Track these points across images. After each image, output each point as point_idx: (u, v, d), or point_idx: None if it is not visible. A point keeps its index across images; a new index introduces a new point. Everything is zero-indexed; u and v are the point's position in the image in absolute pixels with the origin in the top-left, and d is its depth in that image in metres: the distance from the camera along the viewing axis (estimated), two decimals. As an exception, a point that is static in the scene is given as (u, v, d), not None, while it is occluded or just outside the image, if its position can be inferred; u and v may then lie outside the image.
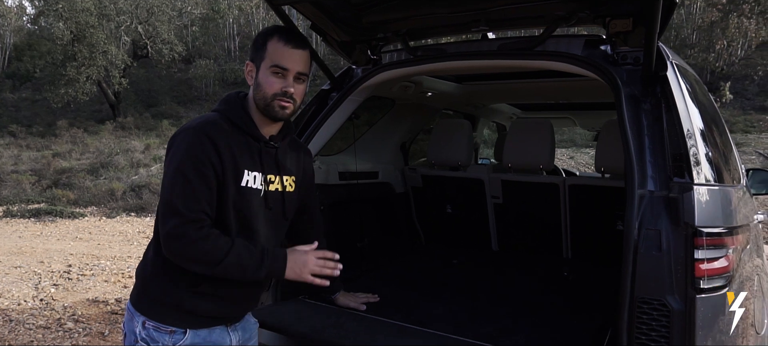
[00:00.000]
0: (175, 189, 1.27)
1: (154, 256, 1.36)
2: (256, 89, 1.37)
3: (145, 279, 1.38)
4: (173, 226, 1.25)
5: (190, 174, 1.27)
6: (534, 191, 2.59)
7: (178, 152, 1.29)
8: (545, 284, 2.38)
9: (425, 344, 1.64)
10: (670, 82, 1.50)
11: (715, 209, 1.36)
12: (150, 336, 1.32)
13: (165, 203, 1.29)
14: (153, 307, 1.34)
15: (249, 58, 1.41)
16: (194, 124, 1.34)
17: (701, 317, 1.28)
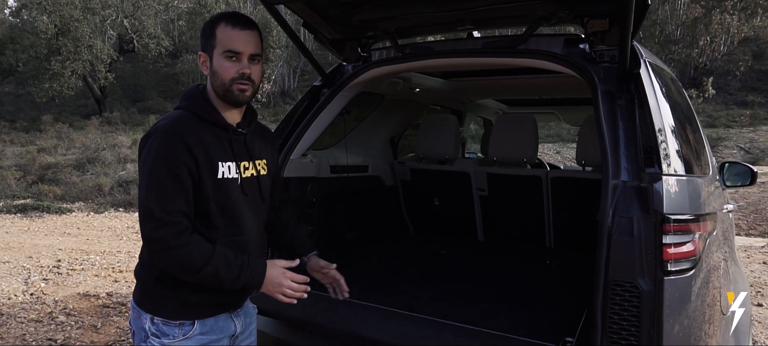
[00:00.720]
0: (149, 193, 1.28)
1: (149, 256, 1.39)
2: (213, 77, 1.39)
3: (145, 279, 1.41)
4: (150, 230, 1.28)
5: (163, 177, 1.28)
6: (518, 184, 2.69)
7: (150, 156, 1.30)
8: (528, 272, 2.48)
9: (412, 326, 1.73)
10: (643, 79, 1.59)
11: (683, 198, 1.45)
12: (160, 331, 1.37)
13: (141, 208, 1.30)
14: (158, 304, 1.38)
15: (200, 49, 1.42)
16: (162, 125, 1.35)
17: (669, 298, 1.38)
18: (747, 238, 8.47)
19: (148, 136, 1.35)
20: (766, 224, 8.95)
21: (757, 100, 20.67)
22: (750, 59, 22.68)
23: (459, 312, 1.86)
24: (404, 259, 2.70)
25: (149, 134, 1.35)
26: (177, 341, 1.37)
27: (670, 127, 1.59)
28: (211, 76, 1.40)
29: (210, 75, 1.41)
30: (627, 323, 1.41)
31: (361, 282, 2.25)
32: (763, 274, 5.99)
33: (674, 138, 1.58)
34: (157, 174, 1.29)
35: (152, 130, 1.35)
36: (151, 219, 1.28)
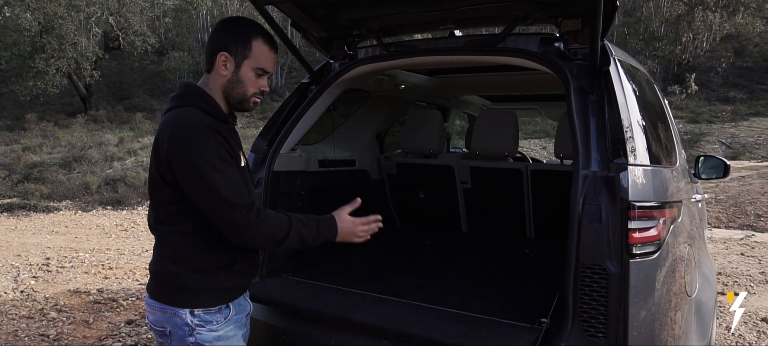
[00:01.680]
0: (220, 185, 1.34)
1: (185, 251, 1.44)
2: (235, 83, 1.46)
3: (178, 275, 1.44)
4: (236, 217, 1.35)
5: (224, 168, 1.36)
6: (500, 177, 2.80)
7: (202, 152, 1.34)
8: (509, 260, 2.59)
9: (397, 311, 1.83)
10: (612, 76, 1.69)
11: (648, 186, 1.56)
12: (204, 321, 1.44)
13: (216, 198, 1.34)
14: (198, 296, 1.44)
15: (224, 49, 1.45)
16: (195, 122, 1.38)
17: (634, 279, 1.49)
18: (727, 230, 8.70)
19: (182, 134, 1.36)
20: (745, 217, 9.18)
21: (738, 96, 21.07)
22: (732, 56, 23.11)
23: (442, 298, 1.96)
24: (390, 250, 2.80)
25: (184, 132, 1.37)
26: (220, 325, 1.47)
27: (638, 122, 1.70)
28: (230, 81, 1.47)
29: (230, 79, 1.47)
30: (596, 303, 1.52)
31: (349, 272, 2.35)
32: (740, 265, 6.19)
33: (641, 131, 1.69)
34: (217, 166, 1.35)
35: (185, 127, 1.37)
36: (233, 207, 1.35)
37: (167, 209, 1.45)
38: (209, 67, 1.50)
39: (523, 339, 1.55)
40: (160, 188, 1.43)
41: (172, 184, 1.39)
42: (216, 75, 1.48)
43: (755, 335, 3.98)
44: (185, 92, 1.48)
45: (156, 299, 1.48)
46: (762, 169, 12.30)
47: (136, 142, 14.83)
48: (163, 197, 1.44)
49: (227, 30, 1.48)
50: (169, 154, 1.37)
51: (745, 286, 5.28)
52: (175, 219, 1.44)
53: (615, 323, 1.50)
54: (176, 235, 1.45)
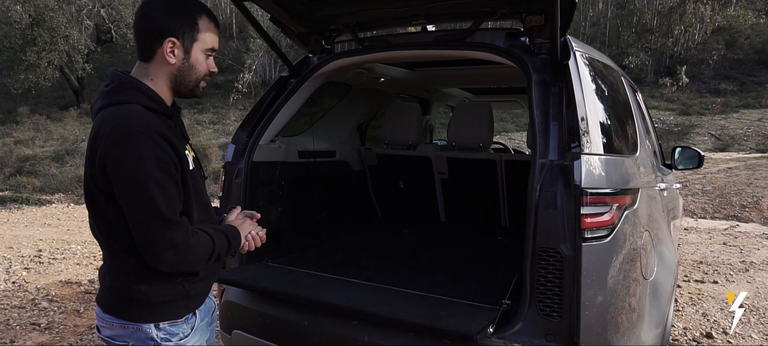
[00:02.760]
0: (157, 200, 1.20)
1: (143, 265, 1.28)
2: (187, 70, 1.33)
3: (138, 291, 1.32)
4: (172, 236, 1.22)
5: (166, 182, 1.22)
6: (475, 167, 2.89)
7: (142, 160, 1.19)
8: (482, 248, 2.69)
9: (367, 293, 1.92)
10: (571, 70, 1.77)
11: (600, 174, 1.65)
12: (169, 333, 1.35)
13: (152, 217, 1.20)
14: (160, 310, 1.34)
15: (170, 34, 1.29)
16: (137, 126, 1.22)
17: (586, 261, 1.58)
18: (712, 221, 8.86)
19: (123, 139, 1.21)
20: (730, 208, 9.34)
21: (729, 88, 21.20)
22: (723, 48, 23.22)
23: (412, 282, 2.05)
24: (369, 238, 2.89)
25: (124, 137, 1.21)
26: (188, 335, 1.38)
27: (595, 113, 1.79)
28: (180, 68, 1.32)
29: (179, 66, 1.32)
30: (551, 284, 1.61)
31: (327, 259, 2.44)
32: (722, 254, 6.33)
33: (598, 122, 1.78)
34: (156, 178, 1.20)
35: (126, 132, 1.21)
36: (170, 225, 1.22)
37: (111, 221, 1.29)
38: (148, 55, 1.32)
39: (483, 318, 1.64)
40: (97, 198, 1.28)
41: (108, 194, 1.25)
42: (160, 64, 1.31)
43: (729, 321, 4.10)
44: (121, 86, 1.30)
45: (114, 315, 1.34)
46: (749, 161, 12.47)
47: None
48: (102, 208, 1.29)
49: (168, 11, 1.30)
50: (105, 160, 1.21)
51: (725, 274, 5.42)
52: (123, 231, 1.27)
53: (569, 303, 1.59)
54: (129, 247, 1.28)
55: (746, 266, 5.73)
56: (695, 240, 7.11)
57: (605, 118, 1.89)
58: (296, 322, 1.88)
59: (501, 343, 1.62)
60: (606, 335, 1.64)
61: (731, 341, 3.76)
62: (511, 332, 1.64)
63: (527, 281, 1.63)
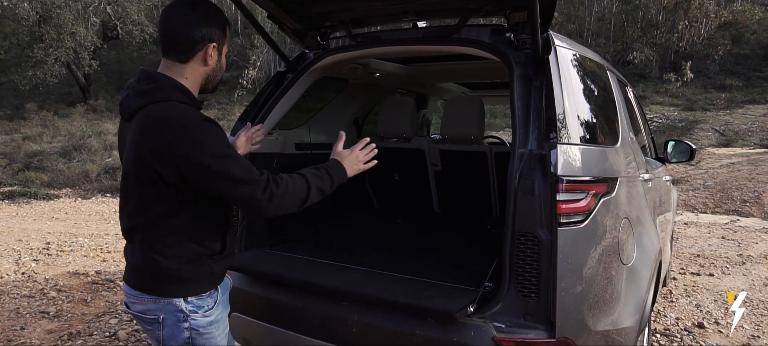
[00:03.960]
0: (236, 167, 1.38)
1: (178, 245, 1.46)
2: (218, 71, 1.53)
3: (171, 269, 1.46)
4: (259, 194, 1.41)
5: (231, 153, 1.41)
6: (467, 159, 2.98)
7: (209, 142, 1.36)
8: (472, 236, 2.78)
9: (357, 276, 2.03)
10: (551, 64, 1.86)
11: (577, 162, 1.73)
12: (196, 306, 1.51)
13: (234, 182, 1.38)
14: (190, 285, 1.50)
15: (210, 40, 1.46)
16: (192, 118, 1.39)
17: (562, 245, 1.66)
18: (713, 215, 8.89)
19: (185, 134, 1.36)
20: (731, 202, 9.36)
21: (734, 83, 21.12)
22: (729, 43, 23.13)
23: (402, 267, 2.15)
24: (363, 227, 2.99)
25: (186, 126, 1.36)
26: (210, 310, 1.54)
27: (574, 105, 1.87)
28: (214, 69, 1.52)
29: (213, 67, 1.51)
30: (529, 267, 1.70)
31: (321, 245, 2.54)
32: (720, 247, 6.38)
33: (576, 114, 1.86)
34: (227, 153, 1.39)
35: (182, 125, 1.36)
36: (253, 184, 1.41)
37: (158, 210, 1.44)
38: (186, 57, 1.46)
39: (464, 298, 1.74)
40: (157, 188, 1.40)
41: (174, 183, 1.39)
42: (197, 65, 1.47)
43: (723, 312, 4.17)
44: (161, 86, 1.44)
45: (146, 292, 1.50)
46: (752, 156, 12.47)
47: (134, 131, 14.98)
48: (155, 196, 1.42)
49: (207, 19, 1.46)
50: (176, 155, 1.35)
51: (721, 267, 5.48)
52: (166, 216, 1.44)
53: (546, 284, 1.68)
54: (168, 231, 1.45)
55: (743, 259, 5.78)
56: (694, 234, 7.17)
57: (585, 110, 1.98)
58: (290, 304, 1.98)
59: (481, 322, 1.71)
60: (582, 316, 1.73)
61: (722, 331, 3.83)
62: (491, 312, 1.73)
63: (507, 263, 1.72)
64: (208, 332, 1.55)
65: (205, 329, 1.54)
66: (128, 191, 1.49)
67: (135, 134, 1.42)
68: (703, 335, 3.70)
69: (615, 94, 2.45)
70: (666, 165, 3.93)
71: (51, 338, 3.49)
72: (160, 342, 1.53)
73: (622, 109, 2.49)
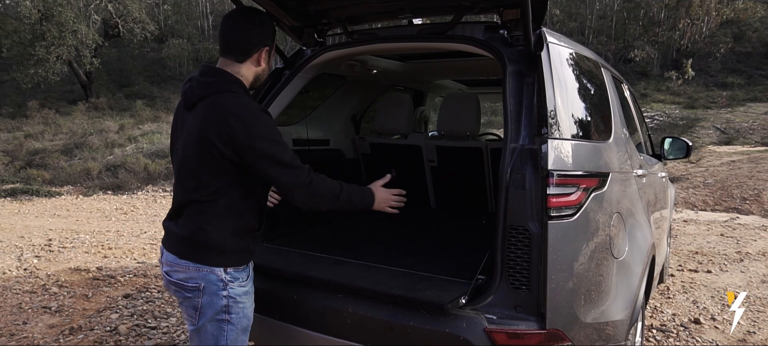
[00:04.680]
0: (285, 153, 1.63)
1: (225, 219, 1.67)
2: (266, 71, 1.78)
3: (219, 239, 1.67)
4: (303, 177, 1.64)
5: (283, 140, 1.65)
6: (462, 155, 3.01)
7: (265, 128, 1.60)
8: (467, 231, 2.81)
9: (352, 269, 2.06)
10: (542, 61, 1.88)
11: (567, 157, 1.76)
12: (234, 277, 1.71)
13: (285, 167, 1.62)
14: (230, 256, 1.70)
15: (265, 44, 1.73)
16: (254, 107, 1.64)
17: (552, 238, 1.69)
18: (712, 213, 8.90)
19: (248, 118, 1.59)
20: (731, 200, 9.36)
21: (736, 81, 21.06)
22: (731, 41, 23.05)
23: (397, 261, 2.18)
24: (360, 222, 3.03)
25: (249, 112, 1.60)
26: (244, 282, 1.75)
27: (566, 101, 1.90)
28: (264, 70, 1.77)
29: (264, 69, 1.76)
30: (520, 259, 1.73)
31: (318, 240, 2.57)
32: (718, 245, 6.40)
33: (568, 110, 1.89)
34: (279, 139, 1.63)
35: (247, 111, 1.60)
36: (297, 169, 1.64)
37: (218, 184, 1.64)
38: (243, 57, 1.70)
39: (457, 291, 1.77)
40: (217, 163, 1.61)
41: (233, 160, 1.60)
42: (252, 66, 1.72)
43: (719, 308, 4.20)
44: (226, 79, 1.68)
45: (191, 260, 1.68)
46: (753, 154, 12.45)
47: (136, 129, 15.06)
48: (216, 172, 1.63)
49: (263, 27, 1.73)
50: (236, 138, 1.57)
51: (719, 264, 5.50)
52: (221, 192, 1.65)
53: (536, 277, 1.70)
54: (221, 206, 1.65)
55: (741, 256, 5.80)
56: (693, 231, 7.18)
57: (577, 106, 2.00)
58: (287, 296, 2.02)
59: (473, 313, 1.74)
60: (572, 308, 1.76)
61: (718, 327, 3.86)
62: (483, 303, 1.76)
63: (498, 256, 1.75)
64: (243, 302, 1.73)
65: (241, 298, 1.72)
66: (187, 172, 1.70)
67: (199, 120, 1.63)
68: (699, 331, 3.73)
69: (609, 90, 2.48)
70: (663, 162, 3.95)
71: (52, 332, 3.53)
72: (197, 309, 1.70)
73: (616, 106, 2.51)
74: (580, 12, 26.73)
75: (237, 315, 1.72)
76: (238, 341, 1.75)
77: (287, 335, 2.04)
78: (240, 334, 1.75)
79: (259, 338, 2.26)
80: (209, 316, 1.69)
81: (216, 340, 1.71)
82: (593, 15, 26.28)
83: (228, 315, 1.70)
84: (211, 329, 1.70)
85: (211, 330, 1.70)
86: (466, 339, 1.71)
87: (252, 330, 2.16)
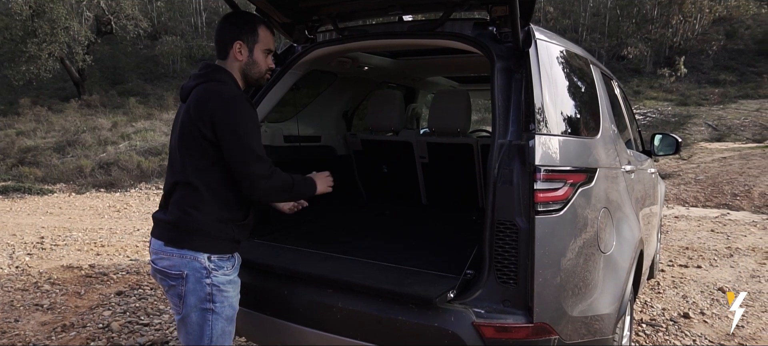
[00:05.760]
0: (255, 144, 1.67)
1: (209, 203, 1.71)
2: (251, 66, 1.82)
3: (201, 224, 1.71)
4: (264, 169, 1.68)
5: (257, 130, 1.71)
6: (453, 151, 3.02)
7: (244, 115, 1.67)
8: (457, 226, 2.83)
9: (342, 264, 2.07)
10: (531, 57, 1.89)
11: (555, 153, 1.78)
12: (217, 265, 1.74)
13: (251, 154, 1.66)
14: (215, 243, 1.73)
15: (237, 39, 1.79)
16: (236, 93, 1.71)
17: (540, 232, 1.71)
18: (703, 209, 8.97)
19: (228, 102, 1.66)
20: (722, 196, 9.44)
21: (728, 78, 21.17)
22: (723, 38, 23.17)
23: (387, 256, 2.19)
24: (351, 218, 3.04)
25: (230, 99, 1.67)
26: (228, 271, 1.78)
27: (553, 97, 1.91)
28: (247, 63, 1.82)
29: (246, 62, 1.81)
30: (508, 254, 1.75)
31: (309, 236, 2.59)
32: (709, 240, 6.46)
33: (555, 106, 1.90)
34: (252, 128, 1.69)
35: (229, 96, 1.68)
36: (262, 160, 1.68)
37: (197, 164, 1.70)
38: (224, 54, 1.80)
39: (445, 285, 1.79)
40: (198, 143, 1.68)
41: (211, 140, 1.66)
42: (232, 60, 1.80)
43: (709, 303, 4.24)
44: (215, 70, 1.79)
45: (174, 246, 1.71)
46: (744, 151, 12.56)
47: (129, 127, 14.99)
48: (197, 152, 1.69)
49: (236, 22, 1.81)
50: (214, 116, 1.65)
51: (709, 259, 5.55)
52: (203, 173, 1.70)
53: (524, 271, 1.72)
54: (203, 187, 1.70)
55: (731, 251, 5.86)
56: (684, 227, 7.25)
57: (565, 102, 2.02)
58: (277, 291, 2.03)
59: (461, 308, 1.76)
60: (559, 302, 1.78)
61: (707, 321, 3.90)
62: (471, 298, 1.77)
63: (487, 251, 1.76)
64: (227, 290, 1.75)
65: (224, 286, 1.75)
66: (174, 159, 1.77)
67: (188, 105, 1.72)
68: (688, 325, 3.77)
69: (598, 87, 2.49)
70: (653, 158, 3.98)
71: (45, 329, 3.52)
72: (180, 298, 1.72)
73: (605, 102, 2.53)
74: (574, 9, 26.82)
75: (221, 304, 1.74)
76: (225, 330, 1.76)
77: (277, 330, 2.06)
78: (225, 324, 1.77)
79: (249, 333, 2.28)
80: (193, 304, 1.71)
81: (201, 330, 1.73)
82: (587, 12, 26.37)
83: (212, 304, 1.72)
84: (195, 318, 1.73)
85: (196, 319, 1.73)
86: (454, 333, 1.73)
87: (243, 326, 2.18)
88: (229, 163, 1.69)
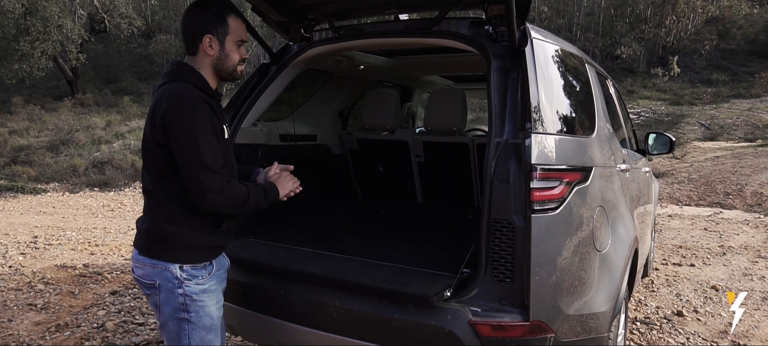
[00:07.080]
0: (204, 152, 1.52)
1: (178, 212, 1.62)
2: (223, 59, 1.68)
3: (171, 234, 1.63)
4: (214, 182, 1.54)
5: (211, 138, 1.56)
6: (449, 150, 3.03)
7: (195, 120, 1.53)
8: (453, 225, 2.84)
9: (337, 263, 2.08)
10: (526, 56, 1.90)
11: (551, 151, 1.79)
12: (190, 275, 1.66)
13: (200, 165, 1.52)
14: (187, 252, 1.65)
15: (206, 32, 1.65)
16: (191, 94, 1.57)
17: (535, 231, 1.72)
18: (696, 208, 9.03)
19: (180, 103, 1.54)
20: (715, 195, 9.51)
21: (721, 78, 21.30)
22: (716, 38, 23.31)
23: (383, 254, 2.20)
24: (347, 217, 3.05)
25: (182, 101, 1.55)
26: (203, 280, 1.69)
27: (549, 96, 1.92)
28: (218, 57, 1.68)
29: (217, 56, 1.67)
30: (505, 252, 1.76)
31: (305, 235, 2.59)
32: (702, 239, 6.51)
33: (551, 105, 1.91)
34: (206, 134, 1.55)
35: (182, 98, 1.55)
36: (212, 173, 1.54)
37: (161, 172, 1.61)
38: (193, 50, 1.67)
39: (441, 284, 1.79)
40: (154, 150, 1.59)
41: (165, 146, 1.56)
42: (203, 56, 1.67)
43: (702, 301, 4.27)
44: (179, 69, 1.67)
45: (146, 255, 1.65)
46: (736, 150, 12.65)
47: (123, 126, 14.91)
48: (156, 160, 1.60)
49: (203, 14, 1.67)
50: (165, 118, 1.53)
51: (702, 258, 5.59)
52: (168, 181, 1.60)
53: (520, 269, 1.73)
54: (171, 196, 1.61)
55: (724, 250, 5.91)
56: (677, 226, 7.29)
57: (561, 101, 2.03)
58: (274, 291, 2.03)
59: (457, 306, 1.77)
60: (555, 300, 1.79)
61: (701, 319, 3.93)
62: (467, 296, 1.78)
63: (483, 249, 1.77)
64: (201, 300, 1.68)
65: (198, 296, 1.67)
66: (143, 156, 1.68)
67: (151, 107, 1.62)
68: (681, 323, 3.79)
69: (593, 86, 2.51)
70: (647, 157, 4.01)
71: (39, 329, 3.50)
72: (157, 306, 1.68)
73: (600, 102, 2.54)
74: (568, 9, 26.90)
75: (196, 314, 1.67)
76: (205, 339, 1.71)
77: (274, 330, 2.05)
78: (204, 333, 1.71)
79: (246, 332, 2.27)
80: (168, 314, 1.67)
81: (179, 339, 1.69)
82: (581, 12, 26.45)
83: (186, 314, 1.66)
84: (172, 327, 1.68)
85: (172, 328, 1.68)
86: (450, 331, 1.73)
87: (240, 325, 2.18)
88: (180, 170, 1.58)
